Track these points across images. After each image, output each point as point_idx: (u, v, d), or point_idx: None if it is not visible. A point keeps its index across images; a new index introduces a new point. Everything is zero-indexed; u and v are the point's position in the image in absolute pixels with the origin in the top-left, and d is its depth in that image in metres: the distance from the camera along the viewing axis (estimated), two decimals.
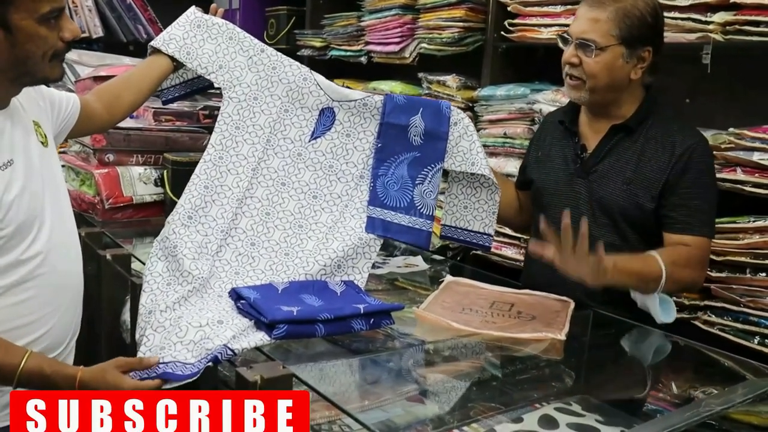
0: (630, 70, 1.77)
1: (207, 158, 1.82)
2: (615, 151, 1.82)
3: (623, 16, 1.72)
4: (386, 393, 1.42)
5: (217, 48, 1.90)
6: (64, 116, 1.68)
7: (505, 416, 1.36)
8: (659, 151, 1.76)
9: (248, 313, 1.51)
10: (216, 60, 1.89)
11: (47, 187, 1.48)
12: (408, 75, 3.16)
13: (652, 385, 1.61)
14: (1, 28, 1.29)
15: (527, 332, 1.62)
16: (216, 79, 1.88)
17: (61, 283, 1.51)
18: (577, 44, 1.76)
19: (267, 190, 1.85)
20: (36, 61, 1.34)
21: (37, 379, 1.30)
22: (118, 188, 2.42)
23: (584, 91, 1.79)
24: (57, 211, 1.50)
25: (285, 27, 4.05)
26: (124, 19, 4.37)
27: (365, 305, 1.56)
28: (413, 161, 1.88)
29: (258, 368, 1.21)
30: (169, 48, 1.88)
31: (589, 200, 1.83)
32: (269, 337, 1.43)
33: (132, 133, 2.47)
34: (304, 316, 1.47)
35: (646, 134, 1.79)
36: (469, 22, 2.78)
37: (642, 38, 1.75)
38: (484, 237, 1.93)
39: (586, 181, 1.84)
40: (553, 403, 1.40)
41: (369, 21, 3.24)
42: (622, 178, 1.78)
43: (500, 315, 1.74)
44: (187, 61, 1.88)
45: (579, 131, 1.90)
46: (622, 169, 1.79)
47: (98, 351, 1.88)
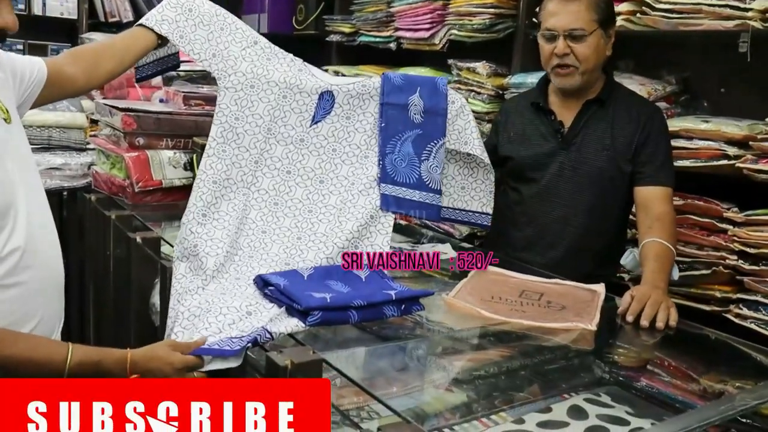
0: (606, 48, 2.01)
1: (210, 152, 1.80)
2: (590, 123, 2.04)
3: (595, 4, 1.95)
4: (415, 380, 1.43)
5: (210, 36, 1.87)
6: (28, 84, 1.56)
7: (534, 406, 1.35)
8: (626, 120, 2.02)
9: (278, 299, 1.51)
10: (209, 48, 1.86)
11: (16, 169, 1.38)
12: (438, 62, 3.14)
13: (682, 378, 1.59)
14: None
15: (557, 322, 1.61)
16: (210, 67, 1.86)
17: (44, 273, 1.45)
18: (565, 36, 1.95)
19: (273, 180, 1.85)
20: None
21: (89, 368, 1.29)
22: (148, 172, 2.43)
23: (577, 75, 1.99)
24: (31, 195, 1.42)
25: (314, 12, 4.04)
26: (153, 3, 4.38)
27: (396, 291, 1.56)
28: (416, 138, 1.94)
29: (288, 353, 1.21)
30: (162, 28, 1.84)
31: (572, 168, 2.03)
32: (304, 324, 1.43)
33: (162, 117, 2.48)
34: (337, 303, 1.47)
35: (614, 106, 2.04)
36: (500, 8, 2.76)
37: (610, 18, 2.01)
38: (483, 216, 2.05)
39: (568, 152, 2.04)
40: (583, 393, 1.39)
41: (399, 7, 3.22)
42: (601, 145, 2.01)
43: (530, 304, 1.73)
44: (180, 44, 1.85)
45: (552, 110, 2.09)
46: (600, 138, 2.02)
47: (127, 333, 1.90)
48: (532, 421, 1.30)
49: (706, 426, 1.18)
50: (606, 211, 2.05)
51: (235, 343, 1.34)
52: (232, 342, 1.34)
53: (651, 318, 1.63)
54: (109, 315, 2.14)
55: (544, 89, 2.14)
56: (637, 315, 1.64)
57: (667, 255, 1.85)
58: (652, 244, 1.86)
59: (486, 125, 2.74)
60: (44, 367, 1.29)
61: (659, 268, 1.81)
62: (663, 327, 1.62)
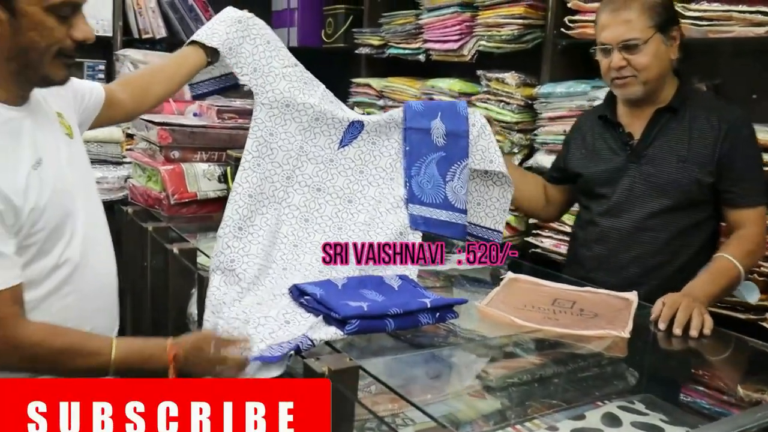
0: (669, 52, 1.88)
1: (245, 165, 1.85)
2: (663, 132, 1.91)
3: (650, 7, 1.84)
4: (449, 387, 1.44)
5: (254, 50, 1.92)
6: (86, 105, 1.64)
7: (567, 413, 1.35)
8: (706, 128, 1.86)
9: (315, 309, 1.54)
10: (252, 62, 1.91)
11: (77, 183, 1.44)
12: (466, 72, 3.16)
13: (717, 386, 1.58)
14: (6, 11, 1.22)
15: (590, 329, 1.62)
16: (249, 81, 1.90)
17: (99, 283, 1.50)
18: (620, 48, 1.85)
19: (303, 197, 1.90)
20: (39, 53, 1.26)
21: (135, 357, 1.34)
22: (183, 184, 2.47)
23: (638, 84, 1.88)
24: (89, 208, 1.48)
25: (343, 26, 4.08)
26: (185, 20, 4.46)
27: (431, 299, 1.58)
28: (440, 161, 2.00)
29: (325, 359, 1.23)
30: (213, 41, 1.88)
31: (644, 182, 1.91)
32: (342, 332, 1.45)
33: (196, 130, 2.53)
34: (374, 312, 1.49)
35: (690, 113, 1.89)
36: (528, 19, 2.76)
37: (670, 19, 1.88)
38: (494, 233, 2.07)
39: (639, 165, 1.92)
40: (616, 401, 1.39)
41: (427, 19, 3.25)
42: (676, 156, 1.87)
43: (562, 312, 1.74)
44: (228, 56, 1.89)
45: (621, 122, 1.99)
46: (674, 148, 1.88)
47: None
48: (566, 428, 1.30)
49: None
50: (683, 227, 1.90)
51: (276, 350, 1.36)
52: (272, 350, 1.37)
53: (683, 324, 1.61)
54: (147, 325, 2.18)
55: (612, 101, 2.04)
56: (670, 322, 1.62)
57: (727, 271, 1.77)
58: (719, 258, 1.80)
59: (515, 135, 2.75)
60: (92, 359, 1.32)
61: (708, 280, 1.75)
62: (696, 335, 1.60)
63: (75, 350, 1.32)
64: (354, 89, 3.85)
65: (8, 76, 1.28)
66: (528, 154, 2.78)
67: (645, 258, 1.93)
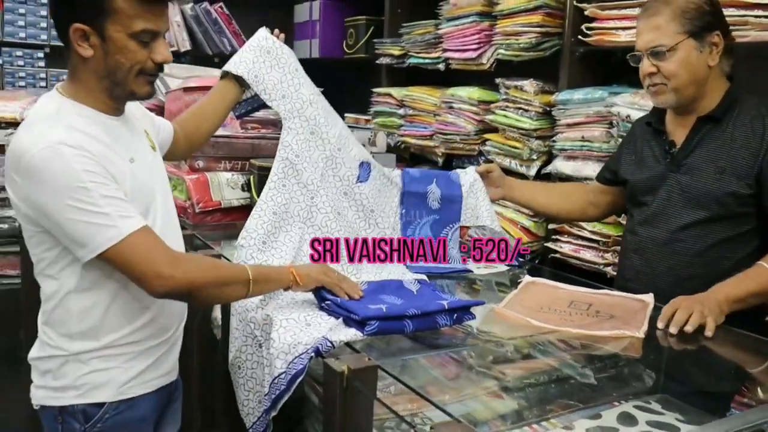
0: (706, 58, 1.83)
1: (271, 185, 1.92)
2: (704, 142, 1.86)
3: (681, 13, 1.80)
4: (466, 388, 1.46)
5: (283, 77, 2.00)
6: (161, 138, 1.81)
7: (584, 413, 1.38)
8: (749, 137, 1.81)
9: (335, 312, 1.58)
10: (280, 89, 1.99)
11: (158, 186, 1.60)
12: (485, 81, 3.18)
13: (734, 386, 1.59)
14: (98, 37, 1.42)
15: (605, 330, 1.64)
16: (278, 107, 1.99)
17: None
18: (648, 55, 1.83)
19: (326, 217, 1.97)
20: (124, 72, 1.46)
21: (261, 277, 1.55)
22: (208, 193, 2.53)
23: (669, 92, 1.85)
24: (166, 207, 1.62)
25: (364, 36, 4.13)
26: (209, 33, 4.55)
27: (449, 301, 1.62)
28: (434, 223, 2.18)
29: (345, 359, 1.27)
30: (239, 69, 1.97)
31: (681, 192, 1.88)
32: (362, 333, 1.49)
33: (220, 140, 2.58)
34: (393, 313, 1.53)
35: (734, 122, 1.84)
36: (546, 27, 2.78)
37: (707, 25, 1.81)
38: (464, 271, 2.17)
39: (677, 174, 1.89)
40: (633, 401, 1.41)
41: (447, 28, 3.28)
42: (714, 167, 1.83)
43: (578, 314, 1.76)
44: (254, 84, 1.98)
45: (666, 129, 1.96)
46: (713, 158, 1.83)
47: (190, 346, 1.98)
48: (582, 427, 1.32)
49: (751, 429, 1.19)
50: (720, 239, 1.84)
51: (298, 363, 1.43)
52: (298, 361, 1.44)
53: (680, 324, 1.62)
54: None
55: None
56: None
57: (758, 276, 1.73)
58: (756, 265, 1.75)
59: (534, 141, 2.77)
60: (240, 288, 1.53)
61: (734, 283, 1.72)
62: (691, 330, 1.60)
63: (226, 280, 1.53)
64: (375, 98, 3.89)
65: (104, 91, 1.49)
66: (547, 160, 2.80)
67: (678, 269, 1.89)
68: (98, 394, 1.50)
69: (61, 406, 1.50)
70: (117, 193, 1.42)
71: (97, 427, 1.50)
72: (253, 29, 2.10)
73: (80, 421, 1.50)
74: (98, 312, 1.48)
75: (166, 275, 1.41)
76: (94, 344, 1.49)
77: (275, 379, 1.46)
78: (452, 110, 3.25)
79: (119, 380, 1.52)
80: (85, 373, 1.49)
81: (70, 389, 1.50)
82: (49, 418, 1.53)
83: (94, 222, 1.37)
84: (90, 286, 1.47)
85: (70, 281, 1.47)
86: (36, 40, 4.47)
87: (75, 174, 1.36)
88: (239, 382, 1.67)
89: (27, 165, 1.37)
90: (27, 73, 4.49)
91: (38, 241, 1.46)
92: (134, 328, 1.53)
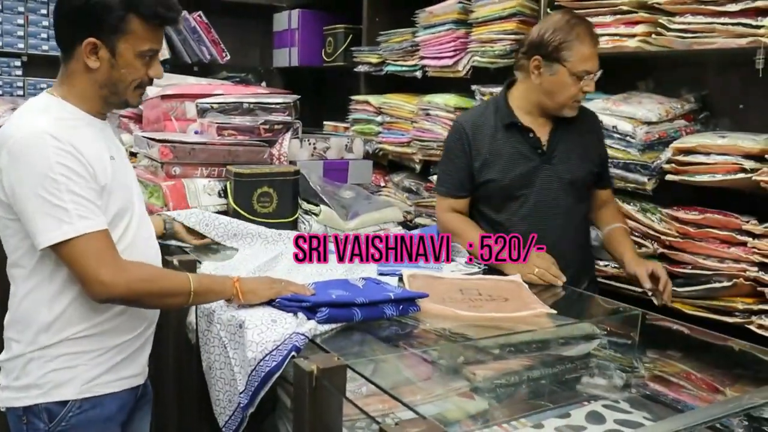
0: None
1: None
2: (564, 137, 2.23)
3: None
4: (437, 388, 1.48)
5: (229, 223, 2.29)
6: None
7: (553, 412, 1.40)
8: (588, 129, 2.30)
9: (287, 307, 1.61)
10: (231, 229, 2.27)
11: (134, 187, 1.69)
12: (462, 88, 3.21)
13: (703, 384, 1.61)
14: (109, 52, 1.53)
15: (521, 310, 1.74)
16: (232, 243, 2.25)
17: None
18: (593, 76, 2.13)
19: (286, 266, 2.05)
20: (125, 85, 1.57)
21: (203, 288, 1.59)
22: (184, 199, 2.52)
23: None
24: (141, 208, 1.69)
25: (342, 44, 4.16)
26: (188, 41, 4.55)
27: (394, 292, 1.68)
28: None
29: (314, 359, 1.27)
30: (190, 221, 2.23)
31: (558, 180, 2.21)
32: (314, 321, 1.53)
33: (197, 147, 2.58)
34: (343, 300, 1.59)
35: (575, 119, 2.23)
36: (520, 34, 2.82)
37: None
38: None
39: (551, 165, 2.22)
40: (601, 400, 1.43)
41: (423, 36, 3.31)
42: (577, 155, 2.24)
43: (479, 300, 1.81)
44: (205, 231, 2.23)
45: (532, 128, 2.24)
46: (575, 149, 2.24)
47: (166, 350, 1.98)
48: (551, 426, 1.34)
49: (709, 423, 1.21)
50: (585, 210, 2.34)
51: (276, 355, 1.46)
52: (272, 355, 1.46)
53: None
54: None
55: (510, 108, 2.24)
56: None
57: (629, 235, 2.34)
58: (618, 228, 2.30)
59: None
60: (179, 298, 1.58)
61: (630, 247, 2.26)
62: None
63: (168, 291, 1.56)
64: (353, 106, 3.91)
65: (100, 98, 1.59)
66: None
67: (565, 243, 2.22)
68: (61, 392, 1.52)
69: (24, 406, 1.52)
70: (87, 193, 1.47)
71: (61, 425, 1.52)
72: (232, 38, 2.12)
73: (44, 421, 1.51)
74: (66, 299, 1.51)
75: (107, 282, 1.45)
76: (62, 335, 1.51)
77: (249, 376, 1.48)
78: (429, 117, 3.27)
79: (83, 378, 1.53)
80: (49, 371, 1.51)
81: (32, 388, 1.51)
82: (14, 419, 1.54)
83: (53, 215, 1.43)
84: (61, 273, 1.50)
85: (43, 269, 1.51)
86: (13, 48, 4.44)
87: (48, 164, 1.43)
88: (211, 383, 1.68)
89: (10, 148, 1.45)
90: (4, 82, 4.46)
91: (15, 230, 1.50)
92: (102, 319, 1.55)
